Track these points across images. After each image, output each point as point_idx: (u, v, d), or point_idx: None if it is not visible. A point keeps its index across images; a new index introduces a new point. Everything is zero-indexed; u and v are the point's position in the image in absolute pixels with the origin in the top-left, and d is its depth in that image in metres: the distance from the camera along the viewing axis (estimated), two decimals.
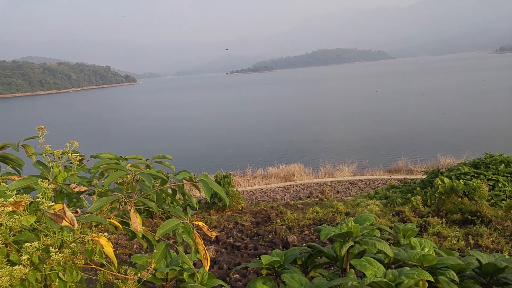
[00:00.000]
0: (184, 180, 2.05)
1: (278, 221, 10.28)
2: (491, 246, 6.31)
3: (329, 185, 20.96)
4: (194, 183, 2.03)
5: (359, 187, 20.48)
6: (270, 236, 9.09)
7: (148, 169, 2.12)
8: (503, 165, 10.91)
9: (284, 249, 7.80)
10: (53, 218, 1.43)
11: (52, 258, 1.42)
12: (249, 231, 9.93)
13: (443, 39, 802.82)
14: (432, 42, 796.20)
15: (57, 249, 1.46)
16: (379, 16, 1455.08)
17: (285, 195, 20.04)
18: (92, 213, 1.70)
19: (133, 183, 1.93)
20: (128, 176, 1.89)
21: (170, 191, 2.17)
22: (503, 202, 9.08)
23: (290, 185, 21.33)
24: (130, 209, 1.68)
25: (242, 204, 13.78)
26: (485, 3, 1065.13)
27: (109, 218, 1.80)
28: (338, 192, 20.01)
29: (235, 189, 14.17)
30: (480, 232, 6.93)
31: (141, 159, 2.25)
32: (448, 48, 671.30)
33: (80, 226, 1.58)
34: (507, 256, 2.93)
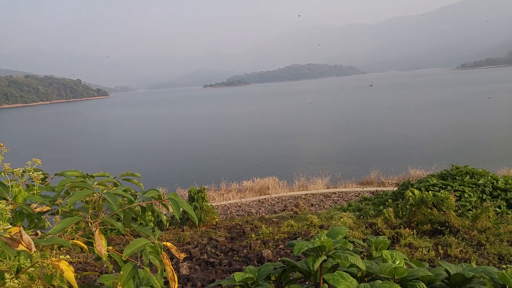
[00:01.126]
0: (153, 199, 1.99)
1: (253, 235, 10.19)
2: (460, 255, 6.49)
3: (304, 198, 21.08)
4: (163, 202, 1.98)
5: (333, 200, 20.71)
6: (245, 251, 8.99)
7: (115, 188, 2.05)
8: (468, 176, 11.32)
9: (259, 264, 7.72)
10: (8, 242, 1.34)
11: (7, 286, 1.32)
12: (224, 247, 9.78)
13: (410, 55, 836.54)
14: (401, 58, 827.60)
15: (13, 275, 1.37)
16: (350, 32, 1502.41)
17: (260, 209, 19.97)
18: (54, 235, 1.61)
19: (100, 202, 1.85)
20: (95, 194, 1.81)
21: (139, 209, 2.11)
22: (469, 212, 9.40)
23: (265, 199, 21.30)
24: (94, 230, 1.60)
25: (217, 219, 13.60)
26: (449, 23, 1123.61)
27: (74, 239, 1.72)
28: (312, 205, 20.14)
29: (209, 204, 13.99)
30: (449, 242, 7.11)
31: (108, 177, 2.18)
32: (415, 64, 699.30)
33: (40, 249, 1.49)
34: (474, 266, 3.01)
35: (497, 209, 9.57)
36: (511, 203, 10.02)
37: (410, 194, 9.26)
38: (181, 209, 1.97)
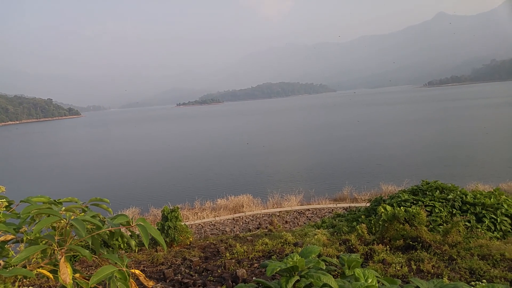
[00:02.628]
0: (121, 225, 1.94)
1: (227, 254, 10.04)
2: (432, 270, 6.60)
3: (278, 215, 21.07)
4: (131, 228, 1.93)
5: (307, 217, 20.81)
6: (219, 271, 8.82)
7: (83, 214, 1.98)
8: (438, 191, 11.64)
9: (234, 283, 7.59)
10: None
11: None
12: (198, 267, 9.57)
13: (379, 73, 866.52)
14: (370, 76, 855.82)
15: None
16: (320, 51, 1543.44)
17: (234, 227, 19.77)
18: (17, 265, 1.53)
19: (67, 228, 1.78)
20: (62, 221, 1.75)
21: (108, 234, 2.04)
22: (440, 227, 9.62)
23: (240, 217, 21.13)
24: (60, 258, 1.54)
25: (191, 239, 13.33)
26: (416, 42, 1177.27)
27: (40, 268, 1.64)
28: (286, 222, 20.14)
29: (183, 223, 13.71)
30: (421, 257, 7.23)
31: (77, 202, 2.11)
32: (384, 82, 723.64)
33: (3, 281, 1.41)
34: (446, 281, 3.06)
35: (467, 223, 9.84)
36: (480, 217, 10.33)
37: (383, 210, 9.42)
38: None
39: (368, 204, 14.50)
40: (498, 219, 10.09)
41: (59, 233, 1.78)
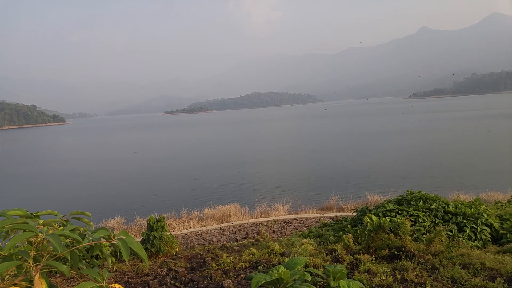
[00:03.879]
0: (102, 238, 1.90)
1: (214, 265, 9.92)
2: (416, 279, 6.65)
3: (265, 225, 21.00)
4: (112, 242, 1.89)
5: (294, 226, 20.79)
6: (205, 282, 8.70)
7: (61, 228, 1.93)
8: (421, 201, 11.82)
9: None
10: None
11: None
12: (183, 278, 9.42)
13: (365, 84, 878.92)
14: (356, 87, 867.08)
15: None
16: (308, 62, 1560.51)
17: (221, 237, 19.61)
18: None
19: (44, 243, 1.73)
20: (39, 235, 1.69)
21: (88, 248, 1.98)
22: (424, 236, 9.74)
23: (227, 226, 20.98)
24: (34, 275, 1.49)
25: (177, 249, 13.15)
26: (401, 55, 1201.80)
27: (14, 284, 1.58)
28: (274, 231, 20.08)
29: (169, 233, 13.53)
30: (405, 267, 7.28)
31: (56, 215, 2.05)
32: (370, 93, 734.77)
33: None
34: None
35: (449, 232, 10.00)
36: (461, 226, 10.52)
37: (368, 220, 9.48)
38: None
39: (354, 214, 14.59)
40: (479, 228, 10.31)
41: (35, 248, 1.72)
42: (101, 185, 44.07)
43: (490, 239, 10.22)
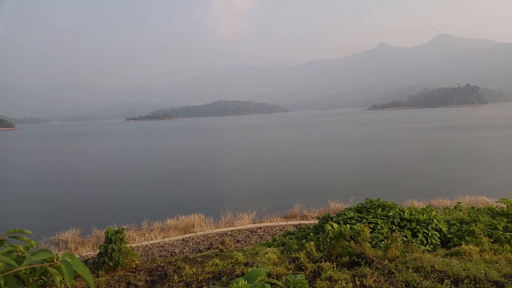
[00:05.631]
0: (44, 261, 1.78)
1: (176, 277, 9.71)
2: (373, 285, 6.88)
3: (230, 235, 20.88)
4: (56, 265, 1.78)
5: (259, 235, 20.82)
6: None
7: None
8: (380, 209, 12.28)
9: None
10: None
11: None
12: None
13: (328, 96, 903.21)
14: (319, 98, 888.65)
15: None
16: (273, 72, 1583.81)
17: (184, 248, 19.25)
18: None
19: None
20: None
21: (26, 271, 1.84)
22: (382, 242, 10.10)
23: (190, 237, 20.64)
24: None
25: (137, 262, 12.74)
26: (362, 68, 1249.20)
27: None
28: (238, 241, 19.99)
29: (128, 245, 13.10)
30: (364, 273, 7.52)
31: None
32: (332, 104, 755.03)
33: None
34: None
35: (404, 238, 10.48)
36: (415, 232, 11.07)
37: (330, 228, 9.71)
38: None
39: (317, 222, 14.85)
40: (430, 233, 10.94)
41: None
42: (53, 195, 41.95)
43: (439, 243, 10.83)
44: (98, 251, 12.66)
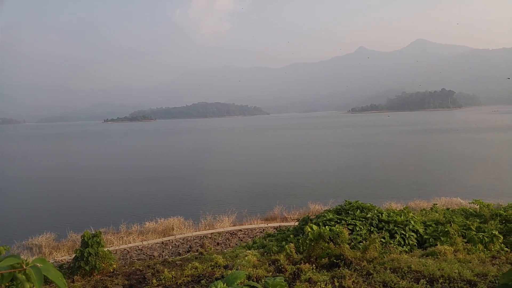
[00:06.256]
0: (12, 267, 1.71)
1: (154, 281, 9.57)
2: (352, 286, 6.97)
3: (210, 237, 20.74)
4: (25, 270, 1.72)
5: (239, 237, 20.76)
6: None
7: None
8: (358, 210, 12.46)
9: None
10: None
11: None
12: None
13: (308, 98, 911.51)
14: (300, 101, 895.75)
15: None
16: (255, 75, 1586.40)
17: (163, 251, 18.99)
18: None
19: None
20: None
21: None
22: (360, 244, 10.25)
23: (169, 240, 20.38)
24: None
25: (114, 265, 12.50)
26: (341, 71, 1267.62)
27: None
28: (218, 244, 19.88)
29: (106, 249, 12.83)
30: (343, 274, 7.60)
31: None
32: (312, 107, 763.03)
33: None
34: None
35: (382, 239, 10.65)
36: (393, 233, 11.28)
37: (309, 230, 9.77)
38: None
39: (296, 223, 14.92)
40: (407, 234, 11.18)
41: None
42: (26, 198, 40.67)
43: (416, 244, 11.08)
44: (74, 255, 12.35)
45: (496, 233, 10.78)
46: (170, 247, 19.62)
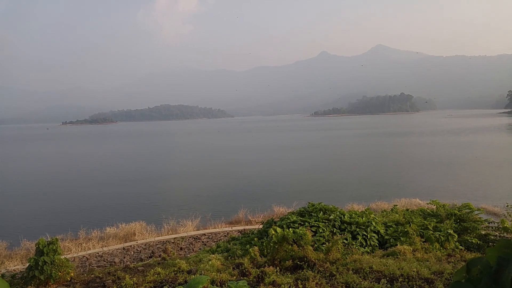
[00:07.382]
0: None
1: None
2: None
3: (173, 242, 20.35)
4: None
5: (203, 242, 20.52)
6: None
7: None
8: (321, 212, 12.70)
9: None
10: None
11: None
12: None
13: (272, 102, 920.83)
14: (264, 104, 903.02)
15: None
16: (219, 77, 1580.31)
17: (124, 257, 18.40)
18: None
19: None
20: None
21: None
22: (324, 245, 10.44)
23: (131, 246, 19.79)
24: None
25: (72, 274, 11.92)
26: (304, 75, 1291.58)
27: None
28: (181, 249, 19.54)
29: (63, 257, 12.22)
30: (307, 276, 7.70)
31: None
32: (276, 110, 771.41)
33: None
34: None
35: (345, 240, 10.91)
36: (355, 234, 11.57)
37: (273, 232, 9.83)
38: None
39: (261, 226, 14.96)
40: (368, 235, 11.51)
41: None
42: None
43: (377, 244, 11.43)
44: (28, 264, 11.67)
45: (451, 232, 11.35)
46: (132, 252, 19.05)
